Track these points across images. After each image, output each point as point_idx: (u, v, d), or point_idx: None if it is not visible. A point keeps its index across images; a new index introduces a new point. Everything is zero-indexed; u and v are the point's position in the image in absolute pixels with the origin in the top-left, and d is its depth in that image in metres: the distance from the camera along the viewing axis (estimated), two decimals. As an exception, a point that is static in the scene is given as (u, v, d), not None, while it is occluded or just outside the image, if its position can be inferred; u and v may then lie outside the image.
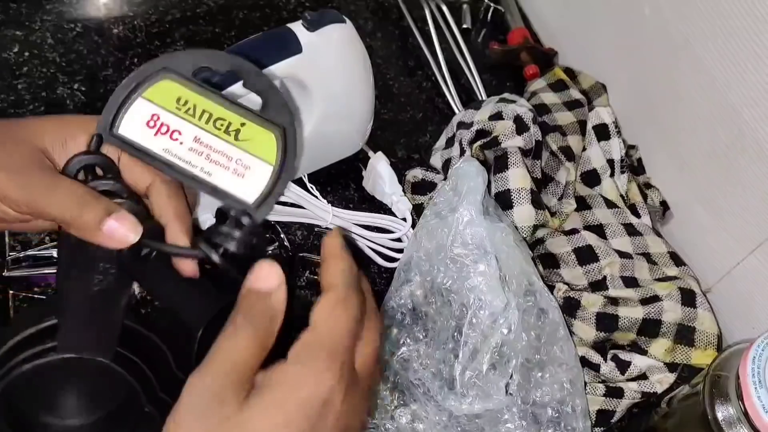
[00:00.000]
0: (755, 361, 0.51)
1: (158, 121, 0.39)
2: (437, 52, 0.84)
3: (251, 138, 0.39)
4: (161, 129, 0.39)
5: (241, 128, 0.39)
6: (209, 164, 0.39)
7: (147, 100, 0.40)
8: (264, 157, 0.39)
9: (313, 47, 0.63)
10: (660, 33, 0.73)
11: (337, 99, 0.67)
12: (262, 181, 0.39)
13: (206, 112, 0.39)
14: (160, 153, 0.39)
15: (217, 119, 0.39)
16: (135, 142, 0.39)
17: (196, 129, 0.39)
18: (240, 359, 0.34)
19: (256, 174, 0.39)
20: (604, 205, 0.73)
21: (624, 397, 0.63)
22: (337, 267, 0.38)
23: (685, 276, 0.69)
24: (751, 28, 0.61)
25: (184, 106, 0.39)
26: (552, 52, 0.90)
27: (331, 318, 0.36)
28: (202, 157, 0.39)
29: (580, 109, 0.78)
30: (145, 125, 0.39)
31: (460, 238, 0.60)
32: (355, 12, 0.89)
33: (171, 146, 0.39)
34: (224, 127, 0.39)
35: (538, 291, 0.61)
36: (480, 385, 0.57)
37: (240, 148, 0.39)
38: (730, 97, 0.65)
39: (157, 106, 0.39)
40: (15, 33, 0.77)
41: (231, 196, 0.39)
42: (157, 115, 0.39)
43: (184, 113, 0.39)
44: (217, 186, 0.39)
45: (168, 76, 0.40)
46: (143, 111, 0.39)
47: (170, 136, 0.39)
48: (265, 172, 0.39)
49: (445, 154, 0.75)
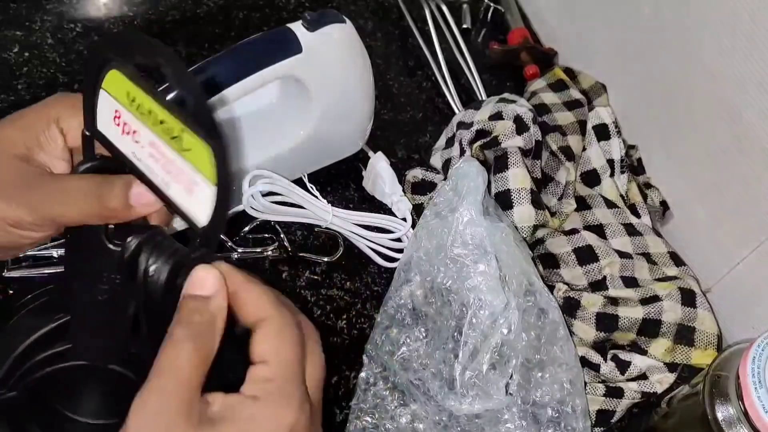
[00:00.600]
0: (755, 361, 0.51)
1: (121, 118, 0.35)
2: (437, 52, 0.84)
3: (191, 149, 0.33)
4: (125, 128, 0.35)
5: (181, 135, 0.33)
6: (166, 174, 0.34)
7: (107, 93, 0.35)
8: (205, 173, 0.33)
9: (313, 47, 0.63)
10: (660, 33, 0.73)
11: (337, 99, 0.68)
12: (208, 201, 0.33)
13: (152, 113, 0.33)
14: (131, 158, 0.35)
15: (161, 121, 0.33)
16: (111, 141, 0.36)
17: (149, 133, 0.34)
18: (184, 377, 0.32)
19: (201, 192, 0.33)
20: (604, 205, 0.73)
21: (624, 397, 0.63)
22: (257, 296, 0.35)
23: (685, 276, 0.69)
24: (751, 27, 0.61)
25: (134, 103, 0.34)
26: (552, 52, 0.90)
27: (280, 350, 0.34)
28: (159, 165, 0.34)
29: (580, 109, 0.78)
30: (113, 122, 0.35)
31: (460, 238, 0.60)
32: (355, 12, 0.89)
33: (135, 150, 0.35)
34: (169, 132, 0.33)
35: (538, 291, 0.61)
36: (480, 385, 0.57)
37: (185, 159, 0.33)
38: (730, 97, 0.65)
39: (115, 100, 0.35)
40: (15, 33, 0.77)
41: (185, 214, 0.34)
42: (119, 111, 0.35)
43: (137, 111, 0.34)
44: (174, 200, 0.34)
45: (114, 66, 0.34)
46: (107, 106, 0.35)
47: (133, 138, 0.35)
48: (208, 192, 0.33)
49: (445, 154, 0.75)
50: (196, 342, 0.33)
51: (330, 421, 0.60)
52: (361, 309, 0.67)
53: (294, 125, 0.68)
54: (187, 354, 0.32)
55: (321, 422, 0.37)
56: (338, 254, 0.69)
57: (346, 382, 0.62)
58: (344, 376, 0.63)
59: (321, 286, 0.68)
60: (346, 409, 0.61)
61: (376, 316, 0.64)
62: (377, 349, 0.62)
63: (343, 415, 0.60)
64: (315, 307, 0.66)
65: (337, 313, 0.67)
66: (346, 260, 0.69)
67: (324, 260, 0.69)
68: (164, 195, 0.35)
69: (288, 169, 0.68)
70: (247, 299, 0.35)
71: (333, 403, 0.61)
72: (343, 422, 0.60)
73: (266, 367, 0.34)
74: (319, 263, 0.69)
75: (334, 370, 0.63)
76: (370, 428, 0.59)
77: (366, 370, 0.61)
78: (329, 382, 0.62)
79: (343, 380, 0.63)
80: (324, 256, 0.69)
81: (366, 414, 0.59)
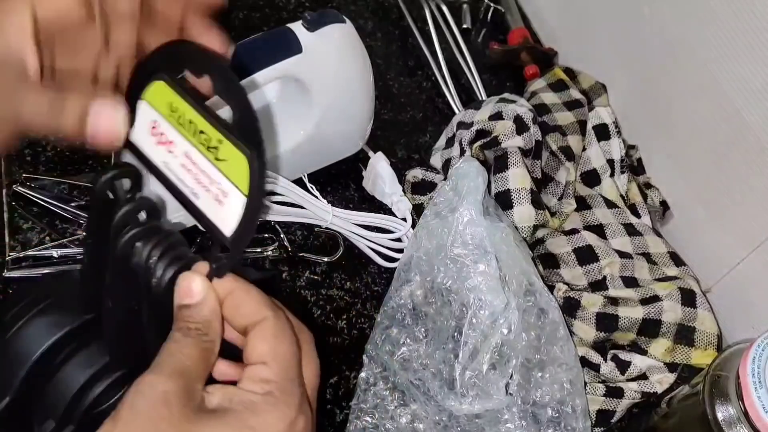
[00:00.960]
0: (755, 361, 0.51)
1: (158, 129, 0.36)
2: (437, 52, 0.84)
3: (228, 159, 0.33)
4: (161, 138, 0.36)
5: (219, 146, 0.34)
6: (197, 185, 0.35)
7: (148, 104, 0.36)
8: (238, 184, 0.33)
9: (313, 47, 0.63)
10: (660, 33, 0.73)
11: (337, 99, 0.67)
12: (236, 211, 0.34)
13: (192, 123, 0.35)
14: (162, 168, 0.36)
15: (200, 131, 0.34)
16: (144, 151, 0.36)
17: (186, 143, 0.35)
18: (183, 366, 0.33)
19: (232, 203, 0.34)
20: (604, 205, 0.73)
21: (624, 397, 0.63)
22: (252, 298, 0.35)
23: (685, 276, 0.69)
24: (752, 27, 0.61)
25: (175, 114, 0.35)
26: (552, 52, 0.90)
27: (278, 351, 0.34)
28: (191, 176, 0.35)
29: (580, 109, 0.78)
30: (149, 132, 0.36)
31: (460, 238, 0.60)
32: (355, 12, 0.89)
33: (168, 160, 0.36)
34: (207, 142, 0.34)
35: (538, 291, 0.61)
36: (480, 385, 0.57)
37: (219, 170, 0.34)
38: (730, 97, 0.65)
39: (155, 111, 0.36)
40: (15, 33, 0.77)
41: (211, 225, 0.35)
42: (157, 122, 0.36)
43: (177, 122, 0.35)
44: (202, 211, 0.35)
45: (161, 76, 0.36)
46: (147, 116, 0.36)
47: (167, 148, 0.36)
48: (239, 202, 0.33)
49: (445, 154, 0.75)
50: (195, 340, 0.34)
51: (330, 421, 0.60)
52: (361, 309, 0.67)
53: (294, 125, 0.68)
54: (187, 348, 0.33)
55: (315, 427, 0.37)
56: (338, 254, 0.69)
57: (346, 382, 0.62)
58: (344, 376, 0.63)
59: (321, 286, 0.68)
60: (346, 409, 0.61)
61: (376, 316, 0.64)
62: (377, 349, 0.62)
63: (343, 415, 0.60)
64: (315, 307, 0.66)
65: (337, 313, 0.66)
66: (346, 260, 0.69)
67: (324, 260, 0.69)
68: (192, 205, 0.35)
69: (288, 169, 0.68)
70: (242, 301, 0.35)
71: (333, 403, 0.61)
72: (343, 422, 0.60)
73: (265, 367, 0.34)
74: (319, 263, 0.69)
75: (334, 370, 0.63)
76: (370, 428, 0.59)
77: (366, 370, 0.61)
78: (329, 382, 0.62)
79: (343, 380, 0.62)
80: (324, 256, 0.69)
81: (366, 414, 0.59)
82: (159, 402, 0.31)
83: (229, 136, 0.33)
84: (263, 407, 0.33)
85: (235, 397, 0.33)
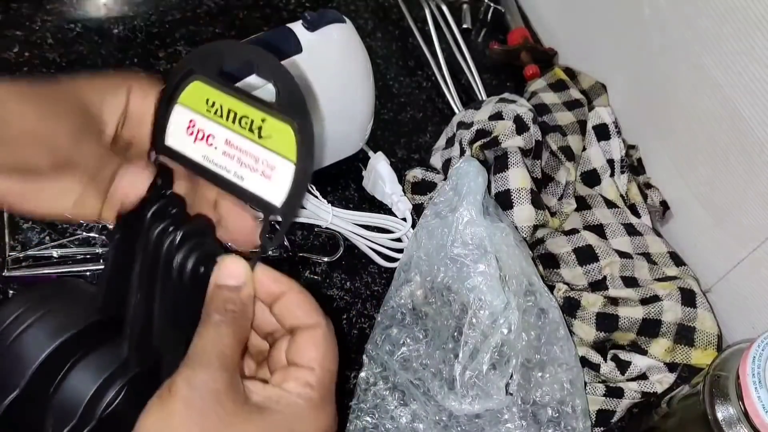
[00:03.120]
0: (755, 361, 0.51)
1: (195, 126, 0.38)
2: (437, 52, 0.84)
3: (272, 134, 0.37)
4: (198, 135, 0.38)
5: (262, 125, 0.37)
6: (241, 168, 0.38)
7: (183, 106, 0.39)
8: (285, 154, 0.36)
9: (313, 47, 0.63)
10: (660, 33, 0.73)
11: (337, 99, 0.67)
12: (286, 180, 0.37)
13: (231, 111, 0.38)
14: (202, 161, 0.38)
15: (241, 117, 0.37)
16: (181, 152, 0.39)
17: (226, 131, 0.38)
18: (227, 357, 0.34)
19: (280, 174, 0.37)
20: (604, 205, 0.73)
21: (624, 397, 0.63)
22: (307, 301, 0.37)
23: (685, 276, 0.69)
24: (751, 27, 0.61)
25: (212, 108, 0.38)
26: (552, 52, 0.90)
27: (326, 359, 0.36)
28: (234, 160, 0.38)
29: (580, 109, 0.78)
30: (186, 133, 0.39)
31: (460, 238, 0.60)
32: (355, 12, 0.89)
33: (208, 153, 0.38)
34: (248, 125, 0.37)
35: (538, 291, 0.61)
36: (480, 385, 0.57)
37: (264, 147, 0.37)
38: (730, 97, 0.65)
39: (192, 111, 0.39)
40: (15, 33, 0.77)
41: (260, 200, 0.37)
42: (194, 120, 0.38)
43: (214, 115, 0.38)
44: (248, 190, 0.38)
45: (197, 77, 0.38)
46: (182, 118, 0.39)
47: (206, 142, 0.38)
48: (288, 171, 0.36)
49: (445, 154, 0.75)
50: (233, 327, 0.34)
51: (330, 421, 0.60)
52: (361, 309, 0.67)
53: (294, 125, 0.68)
54: (228, 337, 0.34)
55: None
56: (338, 254, 0.69)
57: (346, 382, 0.62)
58: (344, 376, 0.63)
59: (321, 286, 0.68)
60: (346, 409, 0.61)
61: (376, 316, 0.64)
62: (377, 349, 0.62)
63: (343, 415, 0.60)
64: (315, 307, 0.66)
65: (337, 313, 0.66)
66: (346, 260, 0.69)
67: (324, 260, 0.69)
68: (238, 188, 0.38)
69: (288, 169, 0.68)
70: (298, 303, 0.37)
71: (333, 403, 0.61)
72: (343, 422, 0.60)
73: (311, 373, 0.35)
74: (319, 263, 0.69)
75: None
76: (370, 428, 0.59)
77: (366, 370, 0.61)
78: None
79: (343, 380, 0.63)
80: (324, 256, 0.69)
81: (366, 414, 0.59)
82: (213, 400, 0.32)
83: (272, 112, 0.36)
84: (307, 413, 0.34)
85: (281, 399, 0.34)
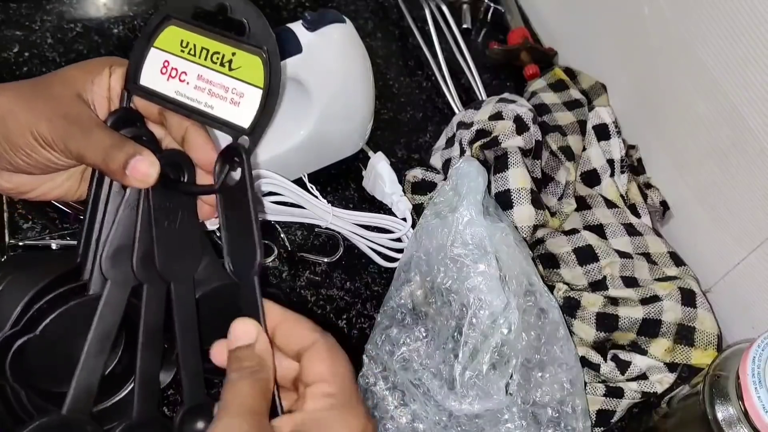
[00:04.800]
0: (755, 361, 0.51)
1: (169, 66, 0.43)
2: (437, 52, 0.84)
3: (242, 65, 0.41)
4: (171, 73, 0.43)
5: (233, 58, 0.42)
6: (211, 98, 0.42)
7: (158, 49, 0.43)
8: (254, 82, 0.41)
9: (313, 47, 0.63)
10: (660, 33, 0.73)
11: (337, 99, 0.68)
12: (254, 105, 0.41)
13: (204, 49, 0.42)
14: (174, 96, 0.43)
15: (213, 53, 0.42)
16: (154, 90, 0.43)
17: (198, 67, 0.42)
18: (248, 404, 0.35)
19: (248, 99, 0.41)
20: (604, 205, 0.73)
21: (624, 397, 0.63)
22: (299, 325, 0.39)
23: (685, 276, 0.69)
24: (751, 27, 0.61)
25: (186, 48, 0.43)
26: (552, 52, 0.90)
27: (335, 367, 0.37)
28: (205, 92, 0.42)
29: (580, 109, 0.78)
30: (159, 72, 0.43)
31: (460, 238, 0.60)
32: (355, 12, 0.89)
33: (180, 88, 0.43)
34: (219, 59, 0.42)
35: (538, 291, 0.61)
36: (480, 385, 0.57)
37: (234, 77, 0.42)
38: (730, 97, 0.65)
39: (166, 52, 0.43)
40: (15, 33, 0.77)
41: (229, 124, 0.42)
42: (168, 60, 0.43)
43: (188, 54, 0.43)
44: (218, 116, 0.42)
45: (172, 23, 0.43)
46: (156, 60, 0.43)
47: (179, 79, 0.43)
48: (255, 97, 0.41)
49: (445, 154, 0.75)
50: (252, 378, 0.36)
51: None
52: (361, 309, 0.67)
53: (294, 125, 0.68)
54: (246, 388, 0.36)
55: None
56: (338, 254, 0.69)
57: (346, 382, 0.62)
58: (344, 376, 0.63)
59: (321, 286, 0.68)
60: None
61: (376, 316, 0.64)
62: (377, 349, 0.62)
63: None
64: (315, 307, 0.66)
65: (337, 313, 0.66)
66: (346, 260, 0.69)
67: (324, 260, 0.69)
68: (208, 116, 0.42)
69: (288, 169, 0.68)
70: (292, 329, 0.38)
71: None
72: (343, 422, 0.60)
73: (325, 384, 0.36)
74: (319, 263, 0.69)
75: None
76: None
77: (366, 370, 0.61)
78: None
79: (343, 380, 0.62)
80: (324, 256, 0.69)
81: (366, 414, 0.59)
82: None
83: (241, 45, 0.41)
84: (332, 422, 0.35)
85: (306, 420, 0.35)
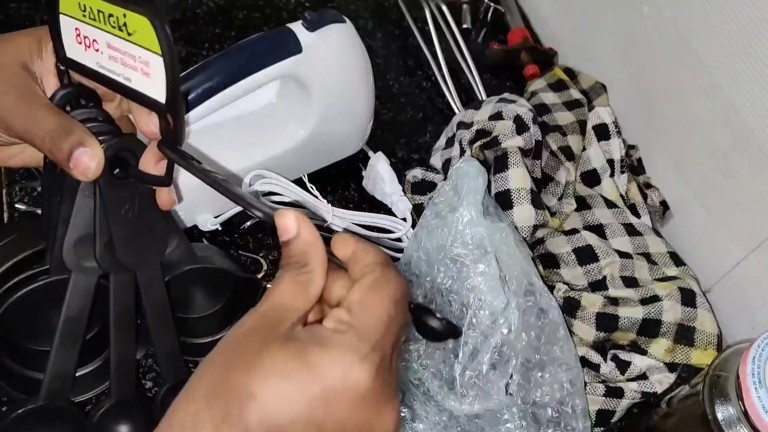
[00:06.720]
0: (755, 361, 0.51)
1: (81, 34, 0.39)
2: (437, 52, 0.84)
3: (137, 29, 0.36)
4: (86, 42, 0.39)
5: (126, 21, 0.37)
6: (126, 69, 0.38)
7: (66, 15, 0.39)
8: (152, 48, 0.36)
9: (313, 47, 0.63)
10: (660, 33, 0.73)
11: (337, 99, 0.67)
12: (161, 76, 0.37)
13: (99, 11, 0.38)
14: (96, 68, 0.39)
15: (109, 16, 0.37)
16: (79, 62, 0.40)
17: (103, 34, 0.38)
18: (275, 302, 0.35)
19: (154, 69, 0.37)
20: (604, 205, 0.73)
21: (624, 397, 0.63)
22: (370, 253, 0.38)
23: (685, 276, 0.69)
24: (751, 27, 0.61)
25: (86, 12, 0.38)
26: (552, 52, 0.90)
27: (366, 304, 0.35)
28: (119, 63, 0.38)
29: (580, 109, 0.78)
30: (76, 42, 0.39)
31: (460, 238, 0.60)
32: (355, 12, 0.89)
33: (98, 59, 0.39)
34: (117, 23, 0.37)
35: (538, 291, 0.61)
36: (480, 385, 0.57)
37: (135, 44, 0.37)
38: (730, 97, 0.65)
39: (73, 18, 0.39)
40: (15, 33, 0.77)
41: (148, 99, 0.38)
42: (78, 28, 0.39)
43: (90, 19, 0.38)
44: (138, 90, 0.38)
45: None
46: (69, 27, 0.39)
47: (93, 48, 0.39)
48: (159, 65, 0.36)
49: (445, 154, 0.75)
50: (291, 274, 0.36)
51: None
52: (361, 309, 0.67)
53: (294, 125, 0.68)
54: (282, 285, 0.36)
55: None
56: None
57: (346, 382, 0.62)
58: (344, 376, 0.63)
59: (321, 286, 0.68)
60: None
61: (376, 316, 0.64)
62: (377, 349, 0.61)
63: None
64: (315, 307, 0.66)
65: (337, 313, 0.66)
66: (346, 260, 0.69)
67: (324, 260, 0.69)
68: (130, 90, 0.38)
69: (288, 169, 0.68)
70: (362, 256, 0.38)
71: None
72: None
73: (346, 313, 0.35)
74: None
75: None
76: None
77: (366, 370, 0.61)
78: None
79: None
80: (324, 256, 0.69)
81: (366, 414, 0.59)
82: (242, 334, 0.34)
83: (127, 6, 0.36)
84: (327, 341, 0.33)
85: (317, 333, 0.34)
